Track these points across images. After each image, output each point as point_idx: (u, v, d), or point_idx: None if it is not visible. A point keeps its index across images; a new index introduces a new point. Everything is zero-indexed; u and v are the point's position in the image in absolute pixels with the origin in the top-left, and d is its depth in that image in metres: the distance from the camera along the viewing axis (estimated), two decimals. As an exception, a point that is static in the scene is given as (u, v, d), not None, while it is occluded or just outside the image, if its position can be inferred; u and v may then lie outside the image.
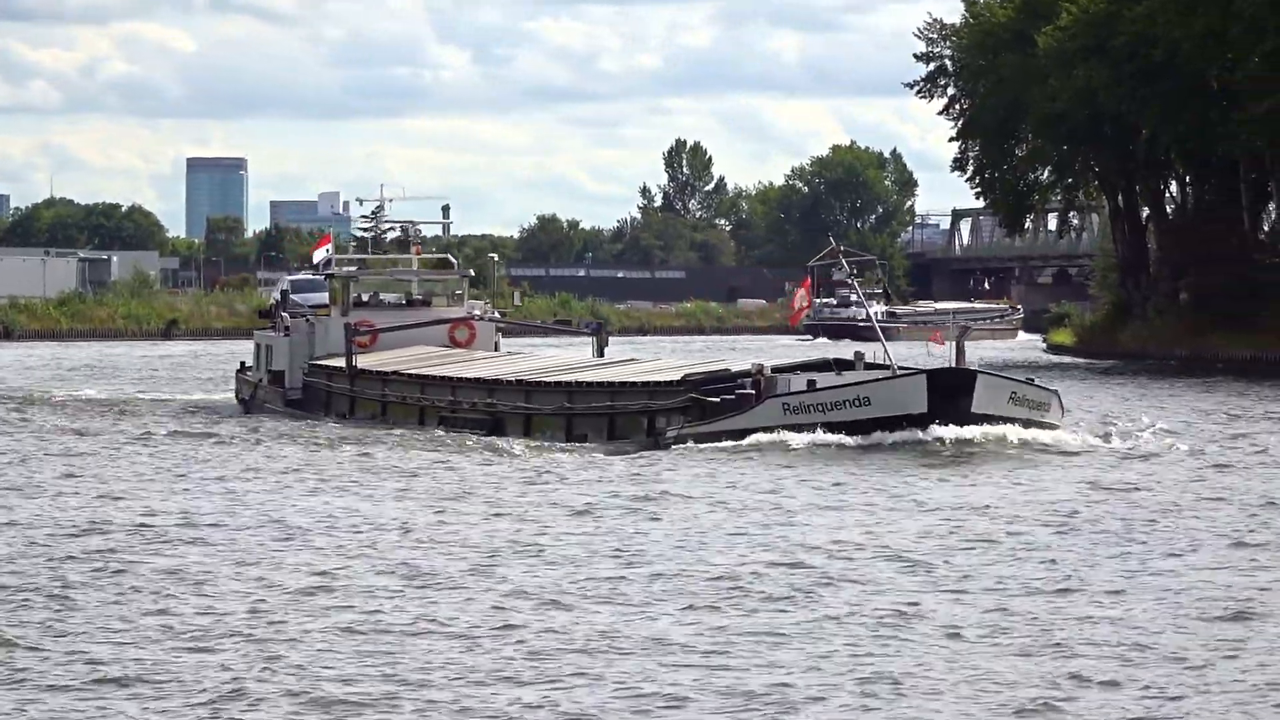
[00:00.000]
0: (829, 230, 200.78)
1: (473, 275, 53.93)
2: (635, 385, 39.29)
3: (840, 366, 37.63)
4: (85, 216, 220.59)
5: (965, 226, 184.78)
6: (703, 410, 36.72)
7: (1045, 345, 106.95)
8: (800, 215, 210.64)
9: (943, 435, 34.45)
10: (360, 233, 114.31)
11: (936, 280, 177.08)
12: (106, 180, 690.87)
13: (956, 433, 34.56)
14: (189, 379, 68.04)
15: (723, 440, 35.31)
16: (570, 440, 38.21)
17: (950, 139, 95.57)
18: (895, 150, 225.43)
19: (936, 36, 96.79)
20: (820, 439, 34.74)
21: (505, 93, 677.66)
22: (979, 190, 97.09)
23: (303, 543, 23.66)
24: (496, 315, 51.40)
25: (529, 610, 18.73)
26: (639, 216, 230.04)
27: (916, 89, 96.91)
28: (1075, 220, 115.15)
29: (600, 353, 46.81)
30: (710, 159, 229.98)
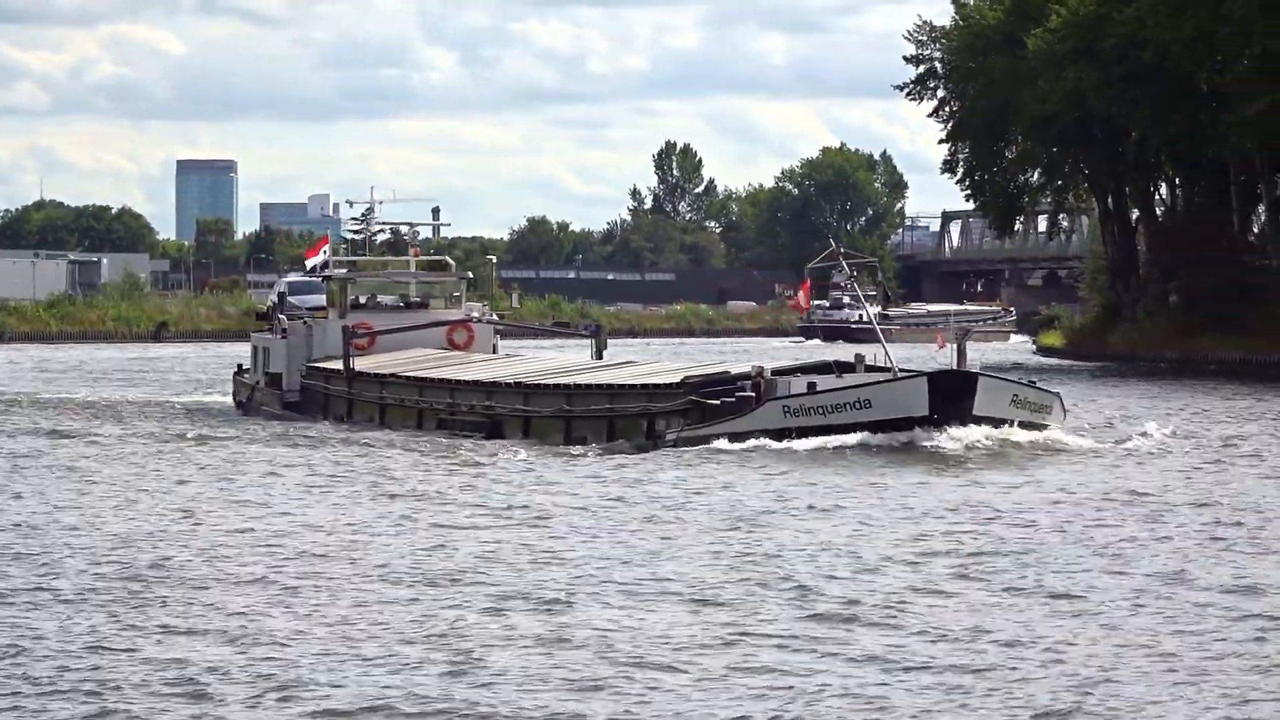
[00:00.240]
0: (820, 232, 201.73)
1: (471, 277, 53.79)
2: (634, 388, 39.01)
3: (841, 369, 37.39)
4: (75, 219, 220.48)
5: (955, 229, 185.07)
6: (702, 413, 36.44)
7: (1034, 347, 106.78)
8: (790, 217, 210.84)
9: (944, 438, 34.22)
10: (350, 235, 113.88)
11: (926, 282, 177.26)
12: (96, 182, 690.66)
13: (958, 435, 34.34)
14: (182, 380, 67.99)
15: (722, 443, 35.04)
16: (569, 443, 37.94)
17: (940, 141, 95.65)
18: (885, 152, 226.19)
19: (926, 39, 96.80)
20: (821, 442, 34.45)
21: (494, 94, 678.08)
22: (969, 192, 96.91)
23: (301, 544, 23.61)
24: (494, 317, 51.22)
25: (528, 612, 18.74)
26: (629, 218, 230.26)
27: (906, 91, 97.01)
28: (1065, 222, 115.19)
29: (599, 355, 46.65)
30: (700, 161, 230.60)
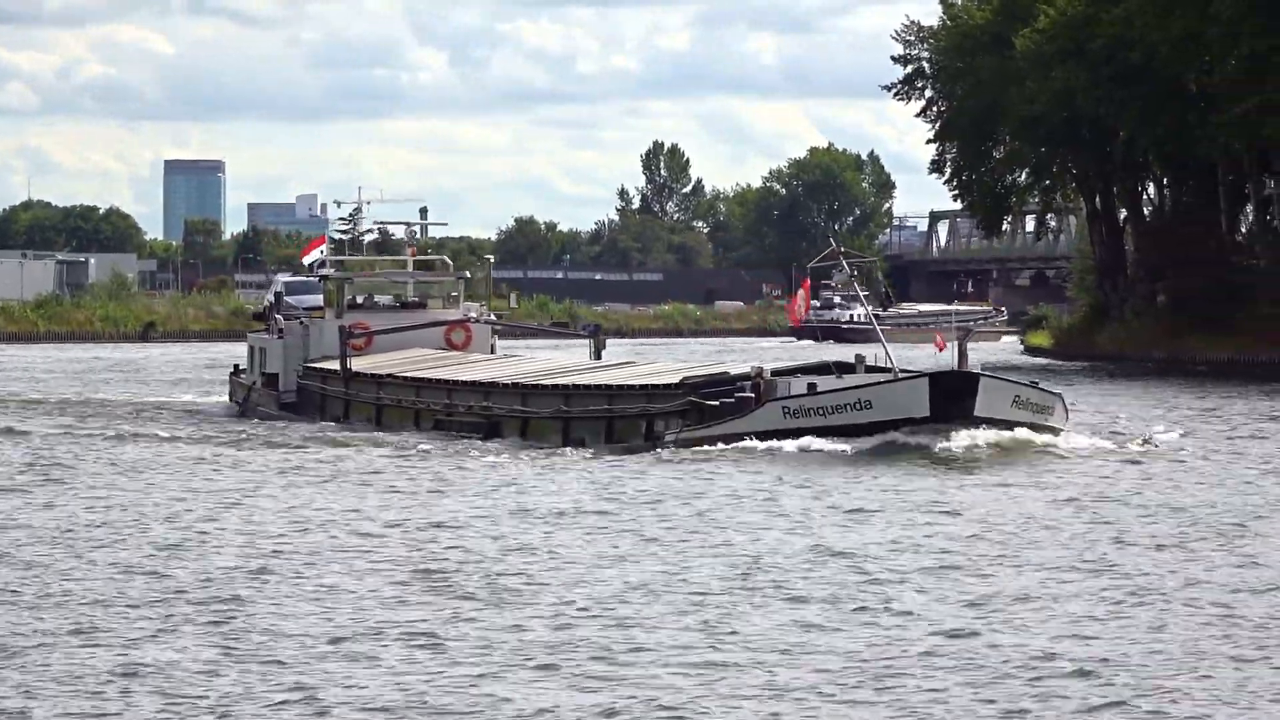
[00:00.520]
0: (807, 232, 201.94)
1: (469, 277, 53.74)
2: (633, 388, 38.78)
3: (841, 369, 37.15)
4: (63, 219, 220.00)
5: (943, 228, 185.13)
6: (702, 413, 36.24)
7: (1022, 347, 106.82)
8: (778, 217, 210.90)
9: (945, 439, 33.91)
10: (338, 235, 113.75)
11: (914, 282, 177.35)
12: (84, 182, 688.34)
13: (959, 436, 34.07)
14: (175, 381, 67.96)
15: (722, 444, 34.92)
16: (568, 444, 37.75)
17: (928, 141, 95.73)
18: (873, 152, 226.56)
19: (914, 39, 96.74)
20: (821, 443, 34.28)
21: (483, 95, 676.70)
22: (956, 192, 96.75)
23: (296, 547, 23.58)
24: (492, 317, 50.93)
25: (530, 614, 18.72)
26: (617, 218, 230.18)
27: (894, 91, 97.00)
28: (1053, 222, 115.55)
29: (597, 355, 46.37)
30: (688, 161, 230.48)
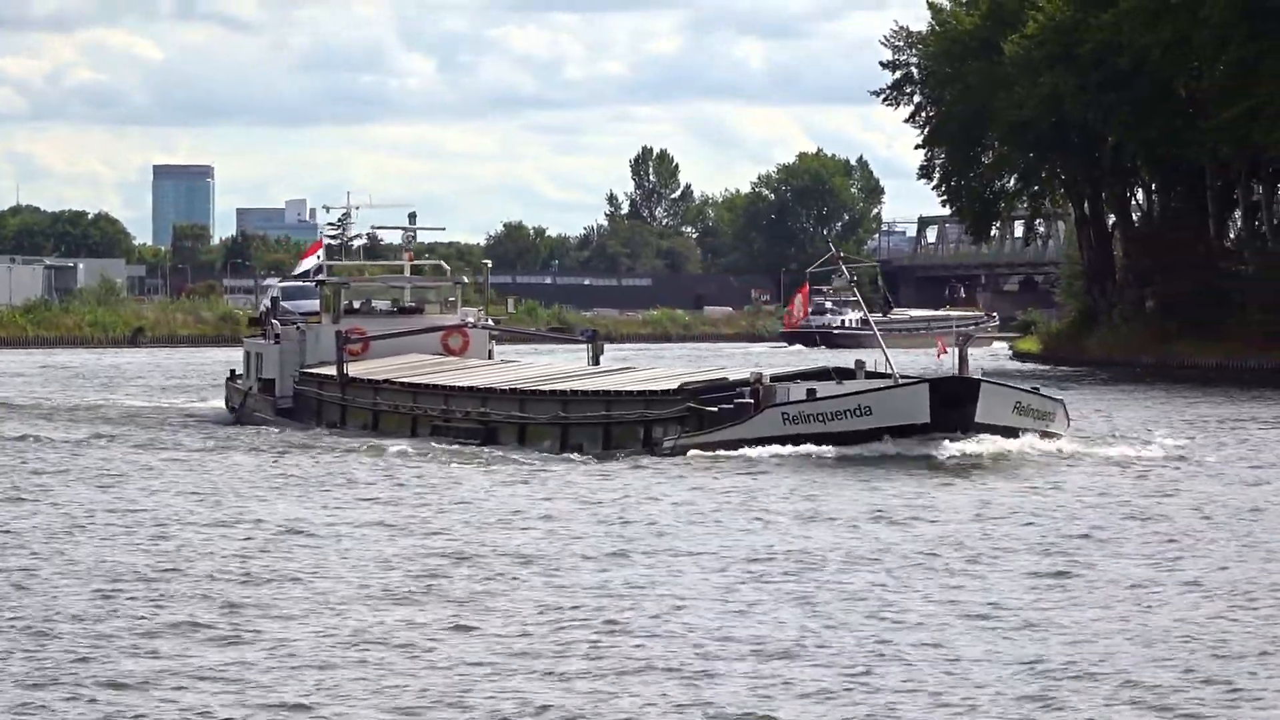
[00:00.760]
0: (796, 238, 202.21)
1: (466, 282, 53.76)
2: (632, 394, 38.50)
3: (841, 375, 37.02)
4: (51, 224, 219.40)
5: (931, 234, 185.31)
6: (700, 420, 36.03)
7: (1011, 352, 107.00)
8: (766, 223, 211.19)
9: (946, 445, 33.87)
10: (329, 240, 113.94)
11: (903, 288, 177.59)
12: (72, 187, 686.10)
13: (960, 443, 34.02)
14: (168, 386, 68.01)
15: (721, 450, 34.73)
16: (565, 450, 37.44)
17: (916, 146, 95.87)
18: (861, 158, 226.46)
19: (903, 44, 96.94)
20: (820, 450, 34.23)
21: (470, 100, 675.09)
22: (945, 198, 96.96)
23: (291, 553, 23.56)
24: (490, 322, 50.80)
25: (524, 619, 18.69)
26: (605, 224, 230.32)
27: (883, 97, 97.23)
28: (1041, 228, 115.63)
29: (595, 361, 46.15)
30: (677, 166, 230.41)
